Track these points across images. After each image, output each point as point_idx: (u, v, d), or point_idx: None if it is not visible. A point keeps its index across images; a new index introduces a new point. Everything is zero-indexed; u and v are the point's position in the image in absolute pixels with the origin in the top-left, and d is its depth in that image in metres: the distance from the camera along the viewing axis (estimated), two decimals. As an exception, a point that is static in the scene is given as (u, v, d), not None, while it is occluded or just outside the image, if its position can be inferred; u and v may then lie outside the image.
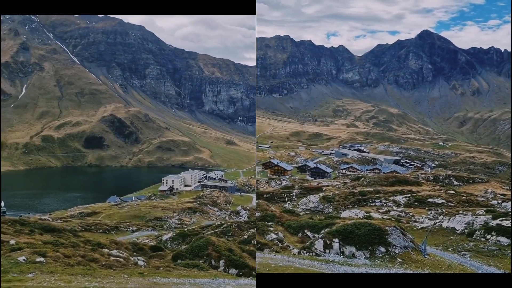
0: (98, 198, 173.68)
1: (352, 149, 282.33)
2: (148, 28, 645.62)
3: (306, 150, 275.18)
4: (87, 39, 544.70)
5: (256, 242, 37.53)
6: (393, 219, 51.19)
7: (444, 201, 71.18)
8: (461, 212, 50.34)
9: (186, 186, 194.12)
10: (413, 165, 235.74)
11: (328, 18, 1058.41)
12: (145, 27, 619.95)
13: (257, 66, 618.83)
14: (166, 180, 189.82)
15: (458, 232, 41.08)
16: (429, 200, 72.09)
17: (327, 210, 73.60)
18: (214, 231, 50.97)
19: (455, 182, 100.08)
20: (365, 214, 57.24)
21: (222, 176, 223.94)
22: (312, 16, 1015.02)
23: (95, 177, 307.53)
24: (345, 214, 62.22)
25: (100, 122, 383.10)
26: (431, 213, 62.45)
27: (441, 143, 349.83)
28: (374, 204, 73.24)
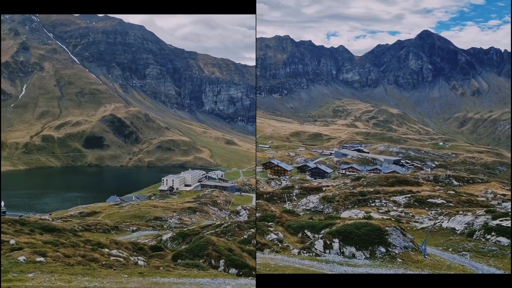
0: (98, 198, 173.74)
1: (352, 149, 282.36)
2: (148, 28, 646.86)
3: (306, 150, 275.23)
4: (87, 39, 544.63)
5: (256, 242, 37.53)
6: (393, 219, 51.17)
7: (444, 201, 71.23)
8: (461, 212, 50.37)
9: (186, 186, 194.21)
10: (413, 165, 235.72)
11: (328, 19, 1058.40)
12: (145, 27, 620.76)
13: (257, 66, 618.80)
14: (166, 180, 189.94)
15: (458, 232, 41.08)
16: (429, 200, 72.15)
17: (327, 210, 73.65)
18: (214, 231, 50.95)
19: (455, 182, 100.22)
20: (365, 214, 57.24)
21: (222, 176, 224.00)
22: (312, 16, 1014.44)
23: (95, 177, 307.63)
24: (345, 214, 62.25)
25: (100, 122, 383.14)
26: (431, 213, 62.49)
27: (441, 143, 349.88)
28: (374, 204, 73.31)
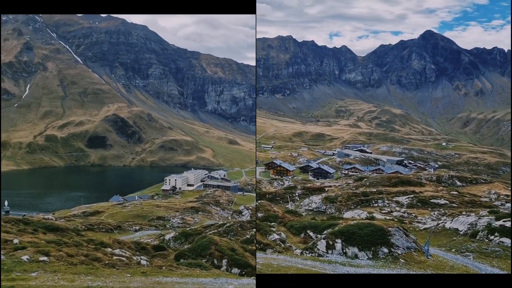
0: (101, 197, 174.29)
1: (354, 149, 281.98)
2: (151, 28, 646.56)
3: (309, 151, 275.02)
4: (90, 39, 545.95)
5: (256, 242, 37.54)
6: (396, 220, 51.11)
7: (447, 201, 71.06)
8: (464, 213, 50.22)
9: (189, 185, 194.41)
10: (416, 165, 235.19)
11: (330, 19, 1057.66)
12: (148, 27, 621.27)
13: (260, 66, 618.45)
14: (169, 179, 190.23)
15: (461, 233, 40.96)
16: (432, 200, 72.00)
17: (330, 210, 73.60)
18: (216, 231, 51.00)
19: (458, 183, 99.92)
20: (367, 215, 57.17)
21: (225, 175, 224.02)
22: (314, 16, 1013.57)
23: (98, 176, 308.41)
24: (347, 215, 62.21)
25: (103, 122, 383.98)
26: (434, 213, 62.35)
27: (444, 144, 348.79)
28: (376, 204, 73.19)
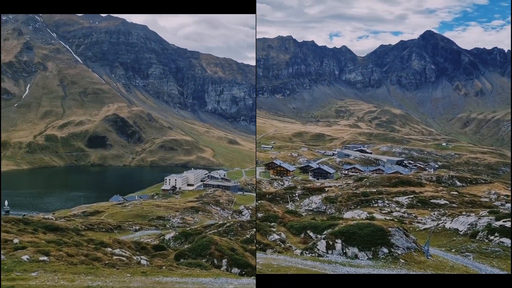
0: (101, 197, 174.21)
1: (354, 149, 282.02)
2: (151, 27, 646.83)
3: (309, 151, 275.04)
4: (90, 39, 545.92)
5: (256, 242, 37.54)
6: (395, 220, 51.11)
7: (447, 202, 71.06)
8: (464, 213, 50.21)
9: (189, 185, 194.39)
10: (416, 166, 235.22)
11: (330, 19, 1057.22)
12: (148, 27, 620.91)
13: (260, 66, 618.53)
14: (169, 179, 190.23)
15: (461, 233, 40.96)
16: (432, 201, 72.01)
17: (330, 210, 73.61)
18: (216, 231, 50.98)
19: (458, 183, 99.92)
20: (367, 215, 57.17)
21: (225, 175, 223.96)
22: (314, 16, 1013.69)
23: (98, 176, 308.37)
24: (347, 215, 62.21)
25: (103, 122, 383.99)
26: (434, 214, 62.36)
27: (444, 144, 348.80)
28: (376, 205, 73.20)
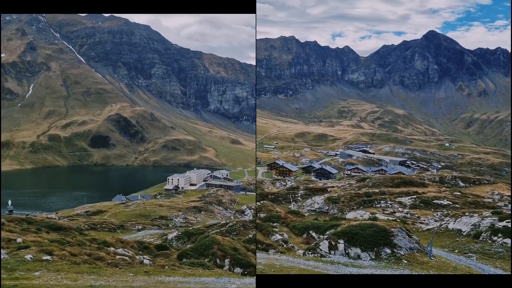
0: (104, 197, 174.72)
1: (357, 150, 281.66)
2: (153, 27, 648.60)
3: (311, 151, 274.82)
4: (93, 39, 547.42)
5: (256, 242, 37.53)
6: (398, 221, 50.99)
7: (450, 202, 70.81)
8: (467, 213, 50.03)
9: (192, 185, 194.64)
10: (418, 166, 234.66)
11: (333, 19, 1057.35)
12: (150, 27, 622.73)
13: (262, 67, 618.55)
14: (172, 179, 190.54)
15: (464, 233, 40.83)
16: (434, 201, 71.77)
17: (332, 211, 73.51)
18: (219, 230, 50.99)
19: (461, 184, 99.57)
20: (370, 215, 57.04)
21: (227, 175, 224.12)
22: (317, 16, 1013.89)
23: (101, 176, 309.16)
24: (350, 215, 62.10)
25: (106, 121, 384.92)
26: (437, 214, 62.18)
27: (447, 144, 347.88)
28: (379, 205, 73.03)
